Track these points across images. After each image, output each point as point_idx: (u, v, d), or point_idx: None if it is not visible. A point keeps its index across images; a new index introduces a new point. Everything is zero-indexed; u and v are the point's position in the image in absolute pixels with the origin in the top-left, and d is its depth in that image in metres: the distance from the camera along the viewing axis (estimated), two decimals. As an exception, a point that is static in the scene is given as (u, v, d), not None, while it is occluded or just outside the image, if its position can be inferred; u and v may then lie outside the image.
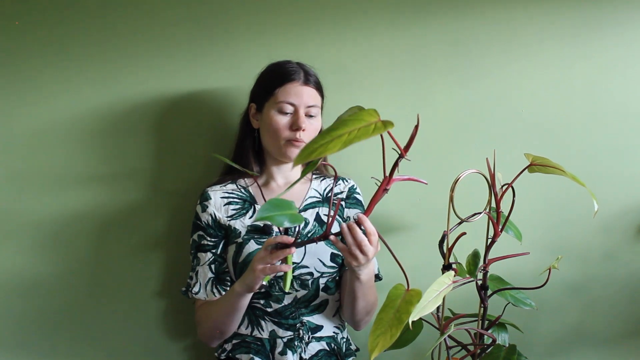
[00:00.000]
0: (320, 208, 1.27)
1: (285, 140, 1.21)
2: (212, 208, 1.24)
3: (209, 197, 1.25)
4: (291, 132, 1.20)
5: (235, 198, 1.26)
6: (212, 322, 1.20)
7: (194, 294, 1.23)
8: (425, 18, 1.41)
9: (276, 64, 1.26)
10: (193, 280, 1.24)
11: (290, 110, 1.20)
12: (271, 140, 1.23)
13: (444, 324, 0.96)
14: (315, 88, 1.24)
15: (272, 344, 1.21)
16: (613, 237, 1.46)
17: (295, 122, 1.20)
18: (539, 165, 0.94)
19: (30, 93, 1.37)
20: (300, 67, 1.24)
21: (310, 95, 1.22)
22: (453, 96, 1.43)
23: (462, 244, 0.98)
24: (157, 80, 1.39)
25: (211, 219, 1.24)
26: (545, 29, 1.42)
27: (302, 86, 1.21)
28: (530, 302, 1.09)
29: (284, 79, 1.21)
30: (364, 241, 0.99)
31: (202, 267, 1.23)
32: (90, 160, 1.40)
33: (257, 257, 1.05)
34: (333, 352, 1.24)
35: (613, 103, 1.43)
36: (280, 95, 1.20)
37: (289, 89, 1.20)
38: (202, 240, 1.24)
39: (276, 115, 1.21)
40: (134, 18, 1.37)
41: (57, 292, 1.42)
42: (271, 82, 1.23)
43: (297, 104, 1.20)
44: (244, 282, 1.10)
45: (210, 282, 1.23)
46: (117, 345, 1.44)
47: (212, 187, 1.27)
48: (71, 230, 1.40)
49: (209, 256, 1.23)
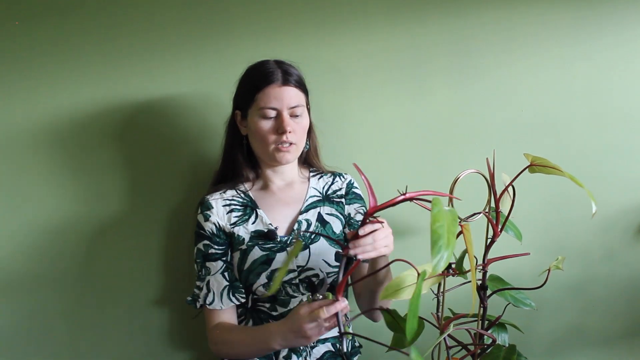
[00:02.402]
0: (322, 207, 1.27)
1: (273, 145, 1.19)
2: (215, 217, 1.22)
3: (210, 205, 1.23)
4: (277, 135, 1.18)
5: (236, 204, 1.24)
6: (234, 352, 1.17)
7: (207, 304, 1.19)
8: (425, 18, 1.41)
9: (253, 67, 1.22)
10: (203, 291, 1.21)
11: (273, 115, 1.18)
12: (260, 146, 1.21)
13: (444, 324, 0.96)
14: (297, 86, 1.19)
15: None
16: (613, 238, 1.46)
17: (280, 126, 1.17)
18: (538, 165, 0.94)
19: (30, 94, 1.37)
20: (279, 66, 1.20)
21: (291, 95, 1.18)
22: (453, 96, 1.43)
23: (462, 243, 0.97)
24: (155, 82, 1.39)
25: (215, 227, 1.22)
26: (545, 29, 1.41)
27: (282, 87, 1.17)
28: (530, 302, 1.09)
29: (262, 82, 1.17)
30: (376, 238, 1.00)
31: (214, 277, 1.20)
32: (85, 165, 1.39)
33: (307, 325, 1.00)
34: (338, 352, 1.24)
35: (613, 103, 1.43)
36: (261, 100, 1.17)
37: (269, 93, 1.17)
38: (210, 249, 1.21)
39: (260, 121, 1.18)
40: (134, 20, 1.37)
41: (54, 300, 1.41)
42: (250, 88, 1.19)
43: (279, 107, 1.17)
44: (285, 340, 1.05)
45: (226, 290, 1.20)
46: (116, 351, 1.44)
47: (211, 194, 1.25)
48: (67, 236, 1.40)
49: (220, 264, 1.20)
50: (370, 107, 1.43)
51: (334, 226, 1.25)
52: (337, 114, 1.42)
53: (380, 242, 1.01)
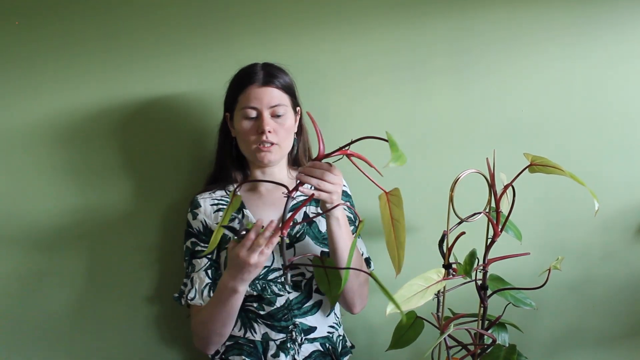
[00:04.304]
0: (308, 206, 1.27)
1: (254, 145, 1.20)
2: (202, 215, 1.24)
3: (198, 204, 1.26)
4: (257, 135, 1.19)
5: (224, 204, 1.26)
6: (204, 325, 1.18)
7: (189, 300, 1.21)
8: (425, 17, 1.41)
9: (240, 70, 1.25)
10: (188, 287, 1.23)
11: (254, 115, 1.19)
12: (244, 147, 1.23)
13: (444, 324, 0.96)
14: (279, 87, 1.21)
15: (265, 347, 1.21)
16: (613, 237, 1.46)
17: (259, 126, 1.18)
18: (539, 165, 0.94)
19: (30, 93, 1.37)
20: (263, 68, 1.22)
21: (272, 95, 1.19)
22: (453, 96, 1.43)
23: (462, 243, 0.98)
24: (155, 83, 1.39)
25: (202, 225, 1.24)
26: (545, 29, 1.41)
27: (261, 87, 1.19)
28: (530, 302, 1.09)
29: (243, 83, 1.20)
30: (324, 175, 1.03)
31: (197, 274, 1.22)
32: (83, 163, 1.40)
33: (243, 252, 1.03)
34: (327, 352, 1.24)
35: (613, 103, 1.43)
36: (242, 100, 1.20)
37: (249, 93, 1.19)
38: (196, 247, 1.24)
39: (242, 122, 1.20)
40: (134, 20, 1.37)
41: (50, 297, 1.42)
42: (234, 90, 1.22)
43: (259, 107, 1.18)
44: (240, 278, 1.07)
45: (207, 287, 1.21)
46: (112, 348, 1.45)
47: (201, 194, 1.28)
48: (67, 235, 1.41)
49: (205, 262, 1.23)
50: (370, 107, 1.43)
51: (320, 225, 1.26)
52: (337, 114, 1.42)
53: (326, 183, 1.03)
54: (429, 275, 0.88)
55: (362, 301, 1.27)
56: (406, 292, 0.85)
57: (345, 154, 0.98)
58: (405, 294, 0.85)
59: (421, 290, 0.85)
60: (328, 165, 1.04)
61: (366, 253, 1.32)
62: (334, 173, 1.04)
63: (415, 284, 0.87)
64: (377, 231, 1.34)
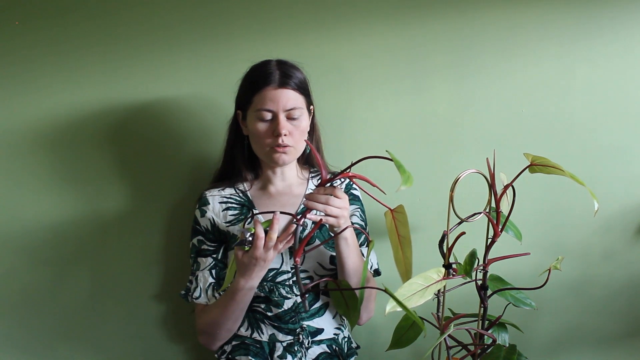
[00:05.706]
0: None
1: (269, 147, 1.18)
2: (210, 213, 1.23)
3: (207, 201, 1.24)
4: (273, 138, 1.17)
5: (233, 203, 1.25)
6: (215, 323, 1.19)
7: (194, 298, 1.22)
8: (425, 16, 1.41)
9: (254, 67, 1.21)
10: (193, 285, 1.23)
11: (269, 117, 1.16)
12: (257, 148, 1.21)
13: (444, 324, 0.96)
14: (295, 88, 1.17)
15: (272, 347, 1.21)
16: (613, 237, 1.46)
17: (275, 129, 1.16)
18: (539, 165, 0.94)
19: (30, 94, 1.37)
20: (278, 67, 1.18)
21: (288, 97, 1.16)
22: (453, 96, 1.43)
23: (462, 243, 0.98)
24: (156, 83, 1.39)
25: (210, 224, 1.23)
26: (545, 28, 1.41)
27: (278, 89, 1.15)
28: (530, 302, 1.09)
29: (260, 84, 1.16)
30: (329, 200, 1.04)
31: (202, 272, 1.22)
32: (86, 163, 1.40)
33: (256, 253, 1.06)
34: (334, 353, 1.24)
35: (613, 103, 1.43)
36: (257, 102, 1.16)
37: (265, 95, 1.15)
38: (202, 245, 1.23)
39: (257, 123, 1.17)
40: (134, 21, 1.37)
41: (56, 296, 1.42)
42: (248, 89, 1.19)
43: (275, 110, 1.15)
44: (249, 277, 1.09)
45: (211, 287, 1.21)
46: (117, 347, 1.45)
47: (210, 190, 1.26)
48: (69, 235, 1.41)
49: (210, 261, 1.22)
50: (370, 106, 1.43)
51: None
52: (338, 113, 1.42)
53: (332, 207, 1.04)
54: (429, 274, 0.88)
55: (367, 314, 1.27)
56: (406, 290, 0.85)
57: (347, 176, 1.00)
58: (404, 292, 0.85)
59: (421, 289, 0.85)
60: (332, 189, 1.05)
61: (375, 264, 1.31)
62: (338, 196, 1.05)
63: (415, 282, 0.87)
64: (378, 231, 1.35)
